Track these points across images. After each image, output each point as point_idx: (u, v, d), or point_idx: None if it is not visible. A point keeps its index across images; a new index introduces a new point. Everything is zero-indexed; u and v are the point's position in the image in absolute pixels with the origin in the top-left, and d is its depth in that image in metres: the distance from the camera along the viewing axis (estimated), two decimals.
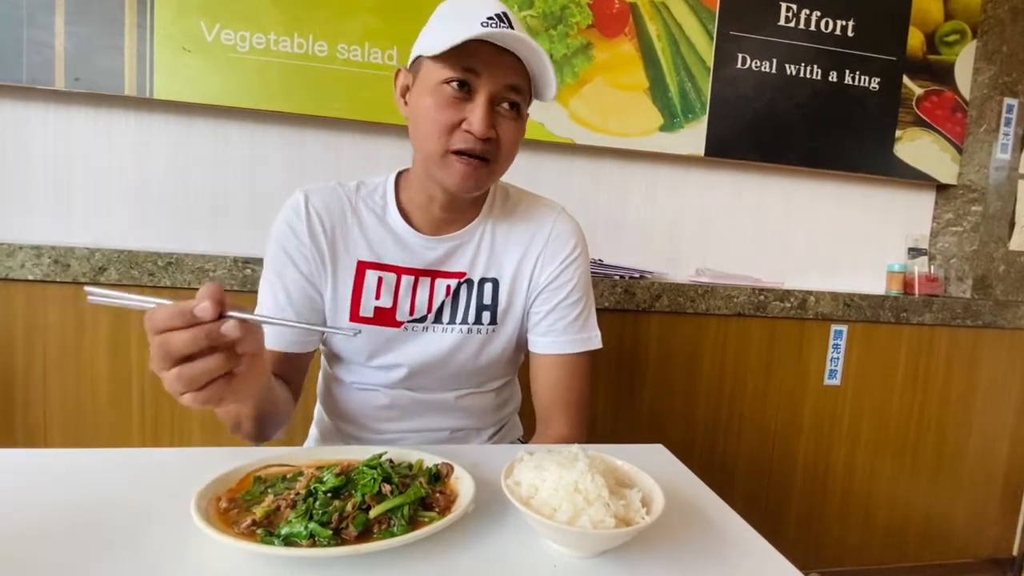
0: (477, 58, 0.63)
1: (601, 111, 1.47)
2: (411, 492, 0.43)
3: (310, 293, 0.73)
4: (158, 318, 0.41)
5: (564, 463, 0.42)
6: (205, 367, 0.41)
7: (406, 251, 0.75)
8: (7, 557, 0.37)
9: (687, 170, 1.59)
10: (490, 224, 0.77)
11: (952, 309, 1.56)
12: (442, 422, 0.81)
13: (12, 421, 1.18)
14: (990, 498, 1.68)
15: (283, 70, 1.30)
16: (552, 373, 0.78)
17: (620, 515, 0.39)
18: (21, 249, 1.14)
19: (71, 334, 1.19)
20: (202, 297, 0.42)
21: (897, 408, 1.59)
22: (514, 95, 0.66)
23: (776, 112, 1.55)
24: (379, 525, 0.40)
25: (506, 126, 0.67)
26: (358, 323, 0.74)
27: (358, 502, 0.41)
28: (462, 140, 0.65)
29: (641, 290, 1.39)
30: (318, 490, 0.42)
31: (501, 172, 0.71)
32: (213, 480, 0.44)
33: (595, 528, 0.37)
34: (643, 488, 0.43)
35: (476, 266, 0.76)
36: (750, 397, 1.50)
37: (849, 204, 1.71)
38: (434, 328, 0.76)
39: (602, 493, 0.39)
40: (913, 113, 1.61)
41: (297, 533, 0.38)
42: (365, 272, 0.73)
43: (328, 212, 0.73)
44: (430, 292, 0.75)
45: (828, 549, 1.60)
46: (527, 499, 0.41)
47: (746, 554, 0.43)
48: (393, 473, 0.45)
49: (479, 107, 0.64)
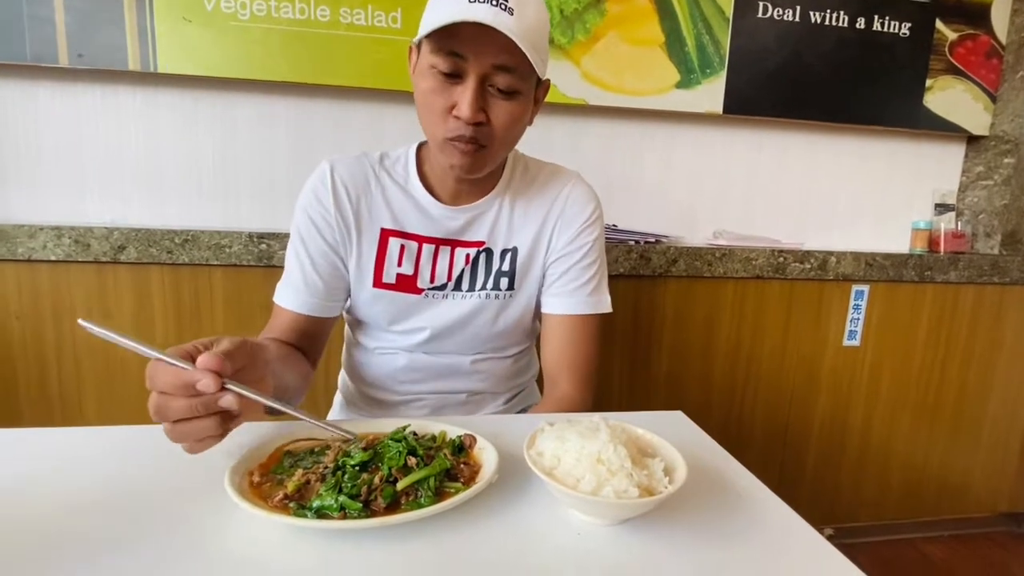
0: (462, 39, 0.60)
1: (615, 69, 1.41)
2: (436, 464, 0.44)
3: (334, 261, 0.75)
4: (159, 381, 0.42)
5: (586, 434, 0.42)
6: (199, 429, 0.42)
7: (427, 220, 0.76)
8: (53, 532, 0.39)
9: (704, 128, 1.54)
10: (509, 194, 0.78)
11: (979, 267, 1.52)
12: (459, 384, 0.83)
13: (50, 396, 1.23)
14: (1009, 455, 1.68)
15: (286, 37, 1.27)
16: (561, 334, 0.79)
17: (643, 484, 0.40)
18: (42, 230, 1.15)
19: (97, 312, 1.22)
20: (204, 368, 0.41)
21: (918, 367, 1.58)
22: (505, 75, 0.63)
23: (799, 64, 1.48)
24: (406, 497, 0.42)
25: (498, 108, 0.65)
26: (381, 288, 0.75)
27: (385, 475, 0.42)
28: (454, 127, 0.64)
29: (657, 255, 1.37)
30: (347, 464, 0.43)
31: (502, 153, 0.71)
32: (245, 455, 0.45)
33: (618, 498, 0.38)
34: (665, 457, 0.44)
35: (495, 236, 0.78)
36: (767, 359, 1.50)
37: (874, 159, 1.65)
38: (454, 295, 0.77)
39: (625, 463, 0.40)
40: (945, 60, 1.53)
41: (329, 506, 0.39)
42: (388, 240, 0.75)
43: (353, 181, 0.75)
44: (450, 260, 0.77)
45: (842, 505, 1.62)
46: (550, 469, 0.42)
47: (765, 518, 0.43)
48: (418, 446, 0.45)
49: (467, 91, 0.62)
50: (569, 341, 0.79)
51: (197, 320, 1.25)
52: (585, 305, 0.79)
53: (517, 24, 0.60)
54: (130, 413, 1.26)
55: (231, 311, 1.26)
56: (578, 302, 0.79)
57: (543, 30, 0.65)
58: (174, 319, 1.24)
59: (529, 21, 0.61)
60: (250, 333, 1.32)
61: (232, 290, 1.25)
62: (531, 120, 0.74)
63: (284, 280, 0.77)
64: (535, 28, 0.62)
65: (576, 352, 0.79)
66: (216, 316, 1.26)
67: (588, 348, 0.80)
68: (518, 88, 0.64)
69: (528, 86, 0.66)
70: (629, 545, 0.39)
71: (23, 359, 1.21)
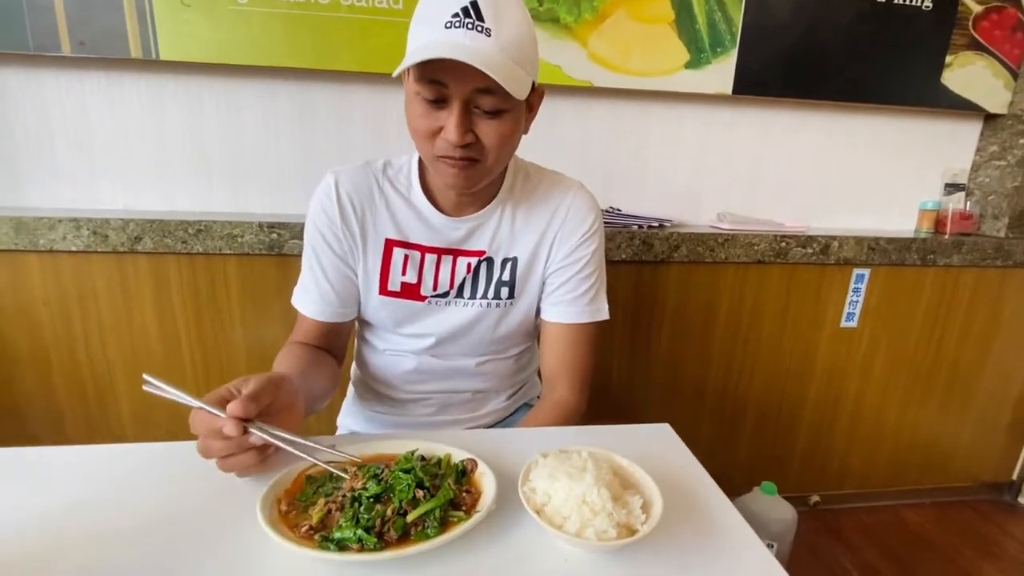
0: (442, 68, 0.61)
1: (622, 49, 1.38)
2: (441, 495, 0.50)
3: (344, 271, 0.80)
4: (197, 427, 0.50)
5: (574, 475, 0.48)
6: (238, 463, 0.51)
7: (430, 230, 0.79)
8: (83, 558, 0.45)
9: (712, 109, 1.52)
10: (509, 205, 0.80)
11: (983, 250, 1.52)
12: (464, 384, 0.88)
13: (83, 383, 1.31)
14: (997, 428, 1.74)
15: (286, 21, 1.25)
16: (560, 341, 0.83)
17: (622, 522, 0.45)
18: (61, 222, 1.19)
19: (119, 299, 1.28)
20: (231, 415, 0.49)
21: (913, 347, 1.62)
22: (488, 97, 0.63)
23: (814, 41, 1.43)
24: (415, 527, 0.48)
25: (486, 127, 0.65)
26: (386, 296, 0.80)
27: (396, 507, 0.48)
28: (443, 147, 0.66)
29: (659, 241, 1.39)
30: (362, 496, 0.49)
31: (496, 167, 0.71)
32: (272, 482, 0.51)
33: (599, 539, 0.43)
34: (644, 493, 0.49)
35: (495, 246, 0.80)
36: (765, 340, 1.54)
37: (884, 138, 1.61)
38: (456, 303, 0.81)
39: (607, 505, 0.45)
40: (968, 35, 1.47)
41: (348, 538, 0.45)
42: (392, 249, 0.79)
43: (357, 193, 0.78)
44: (452, 269, 0.80)
45: (830, 474, 1.71)
46: (541, 506, 0.47)
47: (738, 553, 0.49)
48: (424, 477, 0.51)
49: (452, 115, 0.63)
50: (567, 348, 0.83)
51: (214, 306, 1.31)
52: (583, 314, 0.82)
53: (495, 44, 0.60)
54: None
55: (247, 298, 1.32)
56: (577, 311, 0.82)
57: (526, 40, 0.64)
58: (192, 306, 1.30)
59: (509, 35, 0.61)
60: (265, 319, 1.38)
61: (247, 278, 1.30)
62: (526, 129, 0.74)
63: (301, 286, 0.82)
64: (516, 42, 0.62)
65: (573, 358, 0.83)
66: (232, 303, 1.32)
67: (585, 353, 0.84)
68: (503, 107, 0.65)
69: (515, 102, 0.65)
70: (609, 570, 0.45)
71: (54, 340, 1.28)
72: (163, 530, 0.48)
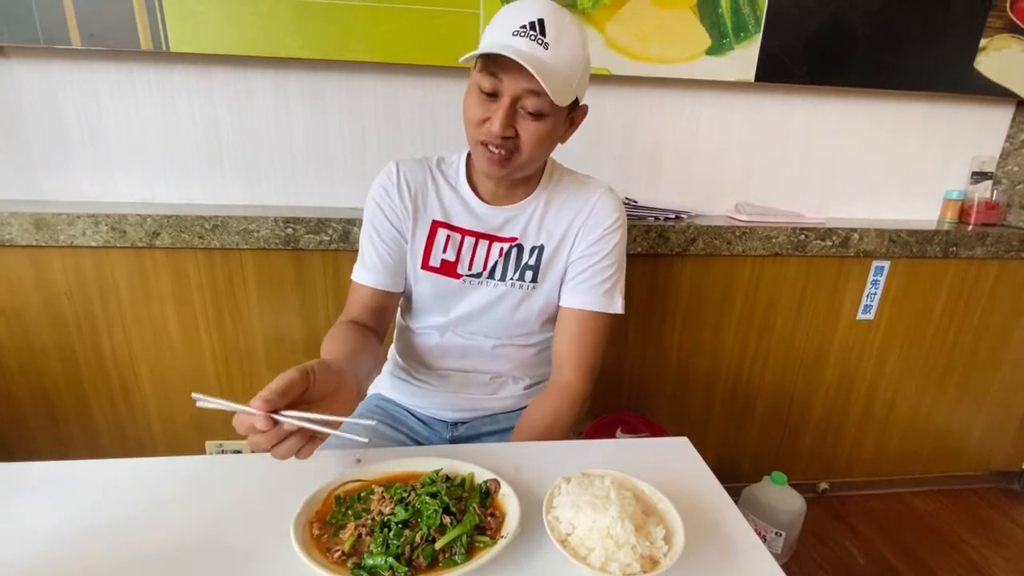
0: (501, 64, 0.71)
1: (641, 35, 1.33)
2: (467, 521, 0.51)
3: (399, 239, 0.89)
4: (241, 428, 0.53)
5: (598, 506, 0.49)
6: (286, 450, 0.54)
7: (472, 216, 0.88)
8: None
9: (733, 96, 1.47)
10: (543, 200, 0.88)
11: (1007, 242, 1.49)
12: (483, 366, 0.95)
13: (108, 373, 1.34)
14: (1010, 418, 1.74)
15: (296, 10, 1.22)
16: (573, 326, 0.88)
17: (645, 554, 0.46)
18: (79, 218, 1.20)
19: (139, 292, 1.30)
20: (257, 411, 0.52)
21: (930, 338, 1.60)
22: (535, 99, 0.72)
23: (842, 25, 1.37)
24: (443, 554, 0.49)
25: (526, 126, 0.75)
26: (427, 271, 0.89)
27: (425, 534, 0.49)
28: (486, 134, 0.75)
29: (676, 234, 1.37)
30: (391, 521, 0.51)
31: (529, 163, 0.79)
32: (303, 505, 0.53)
33: (623, 573, 0.44)
34: (666, 521, 0.50)
35: (527, 234, 0.88)
36: (779, 331, 1.54)
37: (910, 125, 1.56)
38: (487, 283, 0.89)
39: (630, 538, 0.46)
40: (1005, 17, 1.40)
41: (379, 565, 0.47)
42: (437, 230, 0.88)
43: (414, 179, 0.88)
44: (487, 252, 0.88)
45: (840, 462, 1.72)
46: (565, 536, 0.48)
47: (747, 565, 0.50)
48: (450, 502, 0.53)
49: (500, 109, 0.73)
50: (578, 333, 0.88)
51: (232, 300, 1.33)
52: (598, 303, 0.87)
53: (550, 56, 0.70)
54: (180, 380, 1.38)
55: (264, 291, 1.33)
56: (592, 299, 0.87)
57: (577, 62, 0.74)
58: (211, 300, 1.32)
59: (564, 54, 0.71)
60: (282, 311, 1.40)
61: (263, 272, 1.31)
62: (564, 139, 0.84)
63: (360, 263, 0.90)
64: (568, 60, 0.72)
65: (583, 344, 0.87)
66: (250, 296, 1.33)
67: (595, 342, 0.88)
68: (545, 111, 0.74)
69: (556, 109, 0.74)
70: None
71: (77, 332, 1.31)
72: (197, 554, 0.51)
